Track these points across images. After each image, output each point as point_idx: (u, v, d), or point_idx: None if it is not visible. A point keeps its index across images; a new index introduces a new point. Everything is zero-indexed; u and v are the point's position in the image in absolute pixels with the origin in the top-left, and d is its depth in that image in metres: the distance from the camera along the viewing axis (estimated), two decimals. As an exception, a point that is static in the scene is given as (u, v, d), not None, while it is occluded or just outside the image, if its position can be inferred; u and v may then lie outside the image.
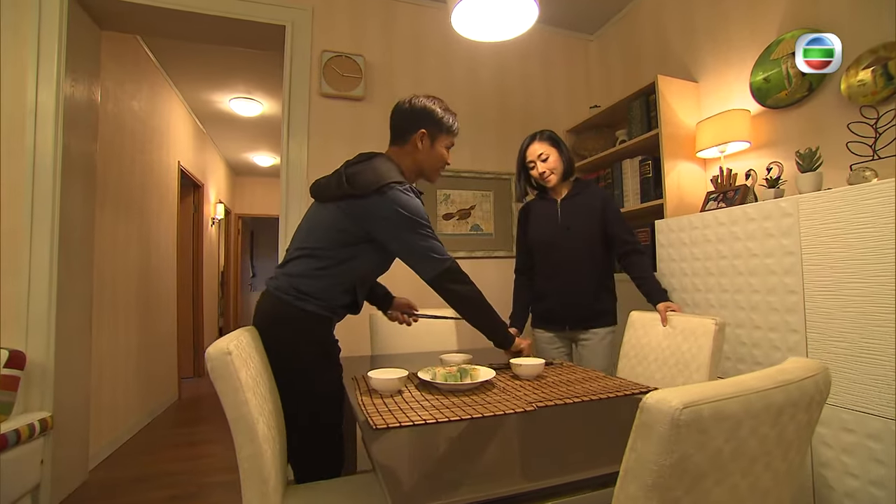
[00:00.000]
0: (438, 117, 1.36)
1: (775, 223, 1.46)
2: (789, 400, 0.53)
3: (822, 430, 1.33)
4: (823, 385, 0.59)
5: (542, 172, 1.73)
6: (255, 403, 0.92)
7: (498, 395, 1.10)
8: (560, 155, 1.75)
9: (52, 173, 2.10)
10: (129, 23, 2.51)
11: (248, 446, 0.88)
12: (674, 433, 0.45)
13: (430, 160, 1.39)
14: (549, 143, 1.75)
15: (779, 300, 1.45)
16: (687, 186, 2.13)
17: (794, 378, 0.55)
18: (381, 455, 0.77)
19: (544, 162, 1.73)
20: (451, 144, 1.41)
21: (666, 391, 0.47)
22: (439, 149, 1.38)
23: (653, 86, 2.16)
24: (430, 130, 1.36)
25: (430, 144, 1.36)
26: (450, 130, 1.39)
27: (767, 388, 0.51)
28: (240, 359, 0.89)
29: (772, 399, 0.51)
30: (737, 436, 0.49)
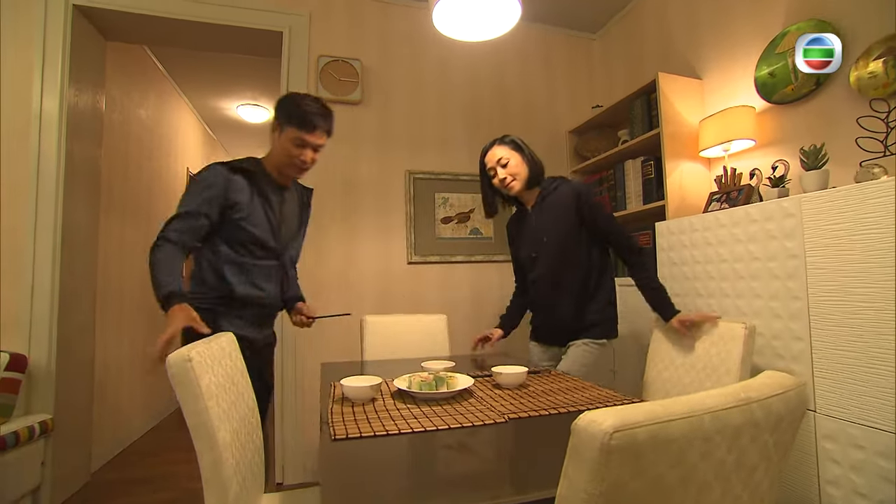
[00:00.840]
0: (288, 105, 1.33)
1: (777, 224, 1.38)
2: (750, 420, 0.48)
3: (829, 446, 1.24)
4: (797, 403, 0.54)
5: (503, 179, 1.57)
6: (219, 411, 0.90)
7: (473, 405, 1.06)
8: (523, 158, 1.58)
9: (55, 179, 2.14)
10: (132, 33, 2.56)
11: (208, 454, 0.86)
12: (604, 459, 0.40)
13: (276, 153, 1.37)
14: (509, 147, 1.59)
15: (782, 306, 1.37)
16: (690, 187, 2.05)
17: (759, 396, 0.49)
18: (331, 467, 0.73)
19: (504, 167, 1.57)
20: (302, 140, 1.33)
21: (600, 412, 0.42)
22: (285, 141, 1.34)
23: (654, 84, 2.09)
24: (279, 120, 1.35)
25: (279, 135, 1.35)
26: (299, 123, 1.31)
27: (722, 407, 0.46)
28: (202, 365, 0.88)
29: (728, 420, 0.46)
30: (684, 461, 0.44)
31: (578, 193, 1.52)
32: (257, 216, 1.35)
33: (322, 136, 1.38)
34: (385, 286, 2.55)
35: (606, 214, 1.54)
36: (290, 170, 1.39)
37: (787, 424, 0.53)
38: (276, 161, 1.39)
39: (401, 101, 2.66)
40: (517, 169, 1.56)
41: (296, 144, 1.33)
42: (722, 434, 0.46)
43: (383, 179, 2.61)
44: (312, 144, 1.35)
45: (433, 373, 1.22)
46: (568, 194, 1.54)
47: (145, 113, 3.18)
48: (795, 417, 0.54)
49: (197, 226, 1.28)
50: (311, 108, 1.34)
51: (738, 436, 0.47)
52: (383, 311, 2.46)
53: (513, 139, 1.62)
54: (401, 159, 2.65)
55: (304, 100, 1.34)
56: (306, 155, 1.36)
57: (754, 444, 0.49)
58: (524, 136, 2.81)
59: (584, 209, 1.51)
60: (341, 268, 2.49)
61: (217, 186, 1.29)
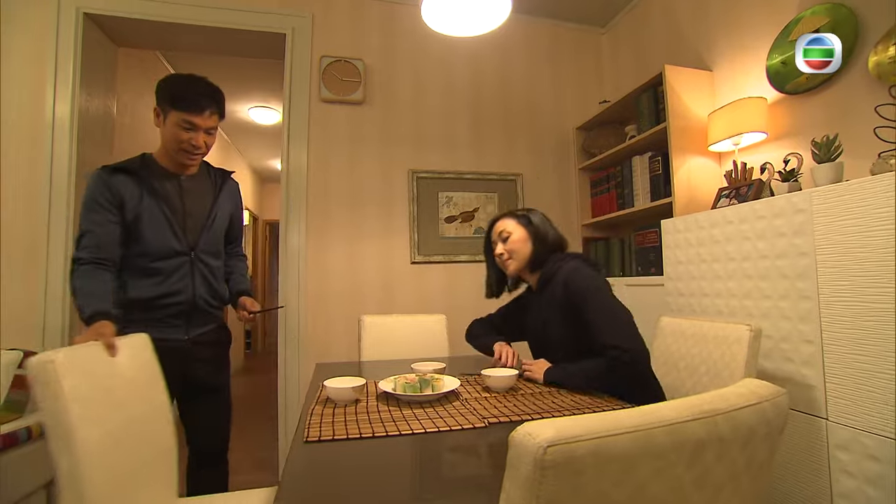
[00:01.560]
0: (166, 89, 1.25)
1: (786, 220, 1.31)
2: (714, 435, 0.44)
3: (843, 457, 1.16)
4: (775, 415, 0.49)
5: (500, 255, 1.40)
6: (84, 413, 0.88)
7: (457, 408, 1.03)
8: (528, 235, 1.37)
9: (67, 182, 2.20)
10: (141, 39, 2.61)
11: (64, 459, 0.84)
12: (538, 475, 0.37)
13: (166, 140, 1.28)
14: (515, 221, 1.40)
15: (791, 307, 1.30)
16: (698, 183, 1.97)
17: (726, 407, 0.45)
18: (292, 470, 0.71)
19: (504, 242, 1.39)
20: (189, 123, 1.25)
21: (538, 423, 0.39)
22: (170, 126, 1.26)
23: (661, 77, 2.01)
24: (160, 105, 1.27)
25: (163, 121, 1.27)
26: (179, 105, 1.23)
27: (678, 420, 0.42)
28: (66, 367, 0.86)
29: (686, 434, 0.42)
30: (632, 479, 0.40)
31: (566, 283, 1.27)
32: (150, 214, 1.27)
33: (212, 117, 1.29)
34: (388, 286, 2.54)
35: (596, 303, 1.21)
36: (181, 156, 1.29)
37: (762, 439, 0.48)
38: (166, 149, 1.30)
39: (404, 100, 2.64)
40: (516, 246, 1.37)
41: (183, 128, 1.25)
42: (679, 450, 0.42)
43: (386, 179, 2.60)
44: (203, 127, 1.27)
45: (421, 374, 1.20)
46: (559, 284, 1.29)
47: (157, 117, 3.24)
48: (772, 431, 0.49)
49: (106, 232, 1.22)
50: (196, 88, 1.26)
51: (700, 452, 0.43)
52: (386, 312, 2.45)
53: (527, 214, 1.41)
54: (404, 159, 2.63)
55: (188, 80, 1.27)
56: (197, 139, 1.27)
57: (720, 461, 0.45)
58: (529, 134, 2.81)
59: (575, 299, 1.24)
60: (344, 268, 2.49)
61: (100, 188, 1.24)
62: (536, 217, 1.41)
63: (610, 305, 1.21)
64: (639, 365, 1.16)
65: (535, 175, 2.79)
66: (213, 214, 1.41)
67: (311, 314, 2.39)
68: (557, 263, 1.34)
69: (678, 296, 1.72)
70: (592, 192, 2.73)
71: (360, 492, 0.67)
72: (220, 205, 1.43)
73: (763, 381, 0.53)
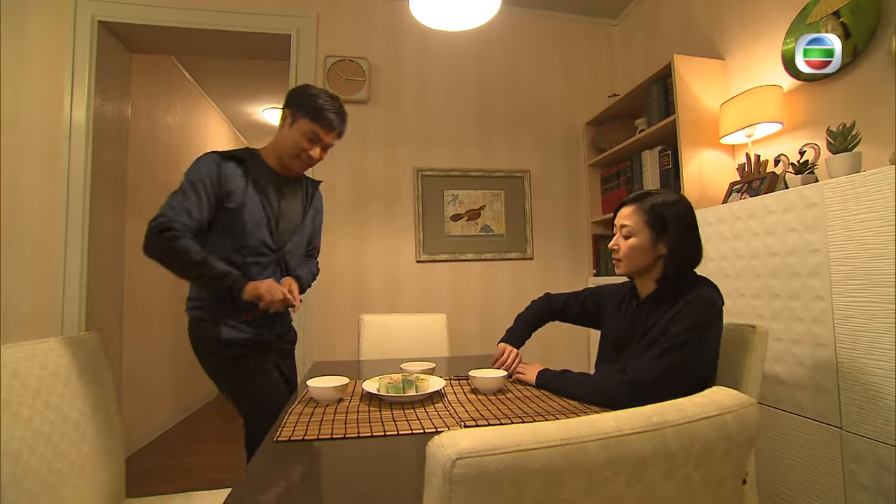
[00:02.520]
0: (307, 98, 1.26)
1: (797, 215, 1.23)
2: (662, 450, 0.40)
3: (857, 469, 1.08)
4: (739, 429, 0.44)
5: (612, 248, 1.16)
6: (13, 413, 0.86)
7: (438, 410, 1.00)
8: (652, 245, 1.08)
9: (83, 184, 2.28)
10: (153, 44, 2.68)
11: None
12: (447, 490, 0.34)
13: (286, 142, 1.29)
14: (644, 220, 1.09)
15: (803, 307, 1.21)
16: (710, 177, 1.88)
17: (678, 419, 0.41)
18: (252, 471, 0.70)
19: (623, 237, 1.13)
20: (315, 135, 1.27)
21: (454, 433, 0.36)
22: (296, 133, 1.26)
23: (670, 68, 1.93)
24: (293, 110, 1.28)
25: (290, 125, 1.28)
26: (315, 115, 1.25)
27: (616, 433, 0.38)
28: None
29: (625, 449, 0.38)
30: (559, 496, 0.36)
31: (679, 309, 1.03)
32: (252, 207, 1.27)
33: (335, 136, 1.32)
34: (393, 285, 2.53)
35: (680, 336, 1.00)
36: (294, 163, 1.32)
37: (723, 455, 0.44)
38: (281, 151, 1.31)
39: (408, 98, 2.62)
40: (633, 253, 1.10)
41: (308, 138, 1.27)
42: (617, 466, 0.38)
43: (391, 178, 2.59)
44: (324, 143, 1.30)
45: (408, 374, 1.18)
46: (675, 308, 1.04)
47: (172, 120, 3.33)
48: (734, 446, 0.44)
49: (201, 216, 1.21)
50: (330, 106, 1.28)
51: (643, 467, 0.39)
52: (392, 311, 2.44)
53: (664, 215, 1.08)
54: (409, 157, 2.61)
55: (324, 95, 1.29)
56: (315, 151, 1.29)
57: (670, 478, 0.40)
58: (538, 130, 2.75)
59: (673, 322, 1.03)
60: (349, 267, 2.49)
61: (211, 170, 1.22)
62: (677, 224, 1.07)
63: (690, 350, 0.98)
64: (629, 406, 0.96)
65: (542, 171, 2.73)
66: (304, 220, 1.43)
67: (316, 313, 2.40)
68: (685, 287, 1.06)
69: (685, 295, 1.64)
70: (603, 188, 2.65)
71: (310, 494, 0.65)
72: (309, 212, 1.46)
73: (732, 390, 0.48)
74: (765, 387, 1.33)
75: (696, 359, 0.99)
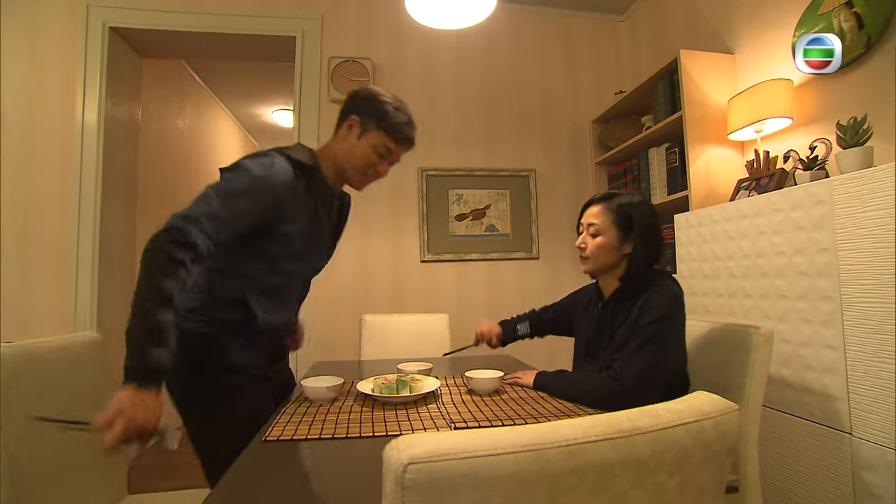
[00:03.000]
0: (379, 106, 1.08)
1: (805, 213, 1.19)
2: (631, 457, 0.38)
3: (869, 477, 1.04)
4: (717, 436, 0.42)
5: (580, 246, 1.17)
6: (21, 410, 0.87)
7: (431, 411, 0.99)
8: (619, 244, 1.12)
9: (94, 184, 2.33)
10: (162, 49, 2.72)
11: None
12: (399, 495, 0.33)
13: (353, 155, 1.10)
14: (612, 220, 1.12)
15: (811, 308, 1.17)
16: (717, 174, 1.83)
17: (649, 426, 0.39)
18: (236, 470, 0.70)
19: (590, 235, 1.15)
20: (387, 150, 1.10)
21: (411, 437, 0.35)
22: (366, 145, 1.09)
23: (676, 63, 1.89)
24: (363, 119, 1.09)
25: (359, 136, 1.09)
26: (389, 127, 1.08)
27: (582, 440, 0.36)
28: None
29: (590, 456, 0.37)
30: (521, 498, 0.35)
31: (641, 305, 1.06)
32: (305, 233, 1.08)
33: (405, 150, 1.15)
34: (397, 285, 2.53)
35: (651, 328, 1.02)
36: (359, 179, 1.14)
37: (700, 463, 0.42)
38: (345, 164, 1.12)
39: (412, 97, 2.56)
40: (600, 252, 1.13)
41: (379, 153, 1.10)
42: (582, 473, 0.36)
43: (395, 178, 2.57)
44: (394, 158, 1.13)
45: (402, 375, 1.17)
46: (640, 304, 1.07)
47: (182, 122, 3.38)
48: (713, 454, 0.42)
49: (235, 228, 0.95)
50: (406, 118, 1.11)
51: (611, 476, 0.37)
52: (396, 311, 2.44)
53: (631, 214, 1.11)
54: (413, 156, 2.53)
55: (398, 104, 1.11)
56: (384, 167, 1.12)
57: (640, 487, 0.39)
58: (543, 129, 2.72)
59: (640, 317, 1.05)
60: (354, 267, 2.50)
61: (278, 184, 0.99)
62: (642, 224, 1.10)
63: (661, 339, 1.01)
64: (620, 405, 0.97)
65: (548, 170, 2.70)
66: (336, 242, 1.29)
67: (319, 314, 2.41)
68: (646, 282, 1.09)
69: (691, 295, 1.61)
70: (610, 187, 2.61)
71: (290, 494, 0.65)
72: (339, 229, 1.31)
73: (714, 395, 0.46)
74: (771, 390, 1.29)
75: (668, 349, 1.04)
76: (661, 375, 1.03)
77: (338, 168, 1.14)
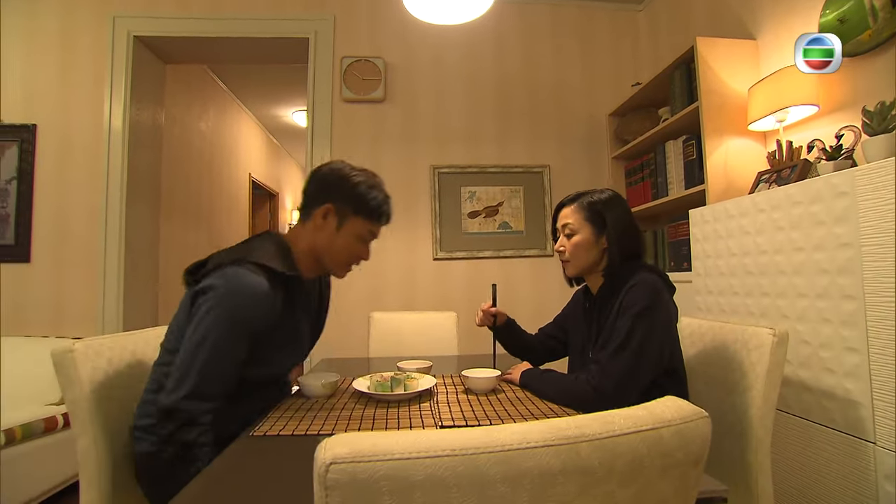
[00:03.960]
0: (354, 191, 1.01)
1: (825, 206, 1.11)
2: (574, 465, 0.36)
3: (892, 489, 0.97)
4: (679, 445, 0.39)
5: (559, 251, 1.17)
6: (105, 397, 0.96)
7: (423, 410, 0.98)
8: (595, 241, 1.10)
9: (119, 189, 2.43)
10: (185, 55, 2.82)
11: (83, 437, 0.92)
12: (322, 494, 0.32)
13: (334, 248, 1.03)
14: (584, 217, 1.11)
15: (831, 307, 1.10)
16: (737, 167, 1.74)
17: (598, 433, 0.37)
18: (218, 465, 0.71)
19: (566, 237, 1.14)
20: (371, 234, 1.06)
21: (339, 437, 0.34)
22: (348, 235, 1.02)
23: (693, 51, 1.80)
24: (339, 206, 1.01)
25: (337, 226, 1.02)
26: (370, 213, 1.02)
27: (517, 447, 0.34)
28: (84, 355, 0.94)
29: (526, 463, 0.35)
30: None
31: (626, 292, 1.03)
32: (284, 335, 1.00)
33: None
34: (410, 283, 2.53)
35: (630, 324, 0.98)
36: (340, 269, 1.08)
37: (660, 473, 0.39)
38: (324, 256, 1.04)
39: (425, 95, 2.61)
40: (578, 252, 1.11)
41: (363, 240, 1.05)
42: (516, 481, 0.34)
43: (408, 176, 2.59)
44: (377, 236, 1.09)
45: (402, 372, 1.17)
46: (621, 297, 1.04)
47: (205, 125, 3.49)
48: (675, 464, 0.39)
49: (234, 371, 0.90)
50: (382, 194, 1.05)
51: (551, 484, 0.35)
52: (408, 309, 2.44)
53: (603, 212, 1.09)
54: (425, 154, 2.60)
55: (371, 181, 1.04)
56: (367, 251, 1.08)
57: (585, 496, 0.37)
58: (558, 124, 2.66)
59: (623, 310, 1.02)
60: (366, 265, 2.47)
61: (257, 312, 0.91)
62: (614, 216, 1.09)
63: (639, 338, 0.97)
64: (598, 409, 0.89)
65: (563, 166, 2.65)
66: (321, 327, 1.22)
67: (332, 311, 2.43)
68: (629, 275, 1.05)
69: (707, 294, 1.54)
70: (627, 181, 2.53)
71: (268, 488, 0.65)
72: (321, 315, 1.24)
73: (682, 400, 0.43)
74: (789, 394, 1.21)
75: (650, 347, 0.98)
76: (642, 377, 0.98)
77: (315, 258, 1.06)
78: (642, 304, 0.98)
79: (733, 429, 1.05)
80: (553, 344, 1.40)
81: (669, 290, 1.08)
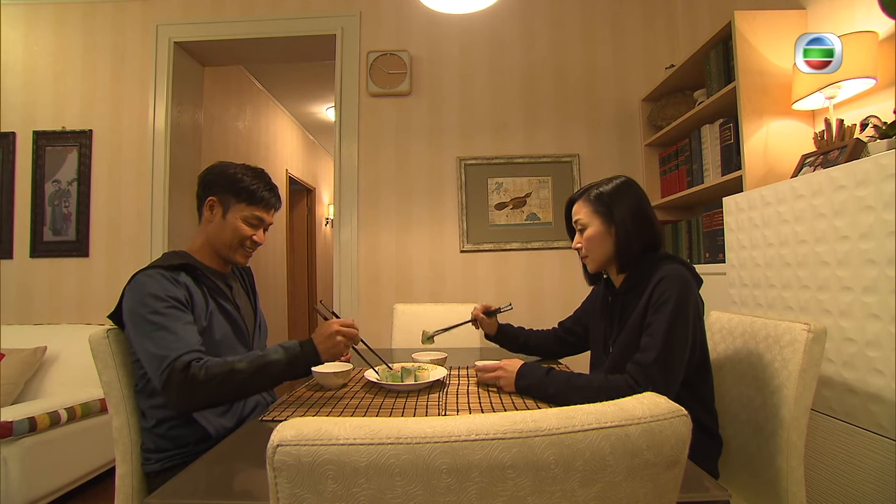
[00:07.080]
0: (230, 181, 1.11)
1: (874, 190, 1.00)
2: (527, 461, 0.34)
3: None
4: (648, 445, 0.37)
5: (576, 248, 1.14)
6: (128, 383, 1.05)
7: (431, 400, 0.99)
8: (606, 232, 1.07)
9: (163, 181, 2.60)
10: (221, 57, 2.95)
11: (117, 417, 1.01)
12: (272, 475, 0.33)
13: (222, 234, 1.12)
14: (592, 209, 1.09)
15: (879, 302, 1.00)
16: (780, 150, 1.61)
17: (555, 427, 0.35)
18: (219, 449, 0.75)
19: (580, 233, 1.12)
20: (256, 218, 1.13)
21: (290, 422, 0.34)
22: (233, 220, 1.11)
23: (730, 28, 1.68)
24: (221, 197, 1.11)
25: (223, 215, 1.12)
26: (249, 197, 1.11)
27: (465, 438, 0.34)
28: (118, 341, 1.04)
29: (474, 456, 0.34)
30: (391, 499, 0.33)
31: (655, 286, 0.98)
32: (219, 322, 1.08)
33: (273, 213, 1.19)
34: (437, 275, 2.54)
35: (666, 320, 0.94)
36: (237, 254, 1.15)
37: (627, 473, 0.37)
38: (219, 246, 1.13)
39: (450, 87, 2.60)
40: (593, 245, 1.09)
41: (249, 224, 1.14)
42: (462, 473, 0.34)
43: (434, 168, 2.59)
44: (266, 223, 1.18)
45: (422, 363, 1.19)
46: (648, 290, 1.00)
47: (242, 124, 3.65)
48: (644, 464, 0.37)
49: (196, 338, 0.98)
50: (266, 183, 1.15)
51: (500, 479, 0.34)
52: (435, 301, 2.46)
53: (610, 203, 1.07)
54: (451, 146, 2.59)
55: (256, 174, 1.15)
56: (259, 235, 1.16)
57: (540, 494, 0.35)
58: (588, 111, 2.57)
59: (653, 305, 0.98)
60: (394, 257, 2.55)
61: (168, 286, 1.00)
62: (622, 208, 1.05)
63: (676, 333, 0.93)
64: None
65: (593, 155, 2.55)
66: (258, 315, 1.28)
67: (362, 304, 2.50)
68: (652, 267, 1.02)
69: (741, 286, 1.44)
70: (661, 169, 2.41)
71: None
72: (254, 304, 1.30)
73: (660, 396, 0.41)
74: (831, 395, 1.12)
75: (684, 340, 0.95)
76: (680, 373, 0.94)
77: (212, 249, 1.15)
78: (676, 299, 0.94)
79: (762, 430, 0.99)
80: (571, 339, 1.37)
81: (697, 282, 1.03)
